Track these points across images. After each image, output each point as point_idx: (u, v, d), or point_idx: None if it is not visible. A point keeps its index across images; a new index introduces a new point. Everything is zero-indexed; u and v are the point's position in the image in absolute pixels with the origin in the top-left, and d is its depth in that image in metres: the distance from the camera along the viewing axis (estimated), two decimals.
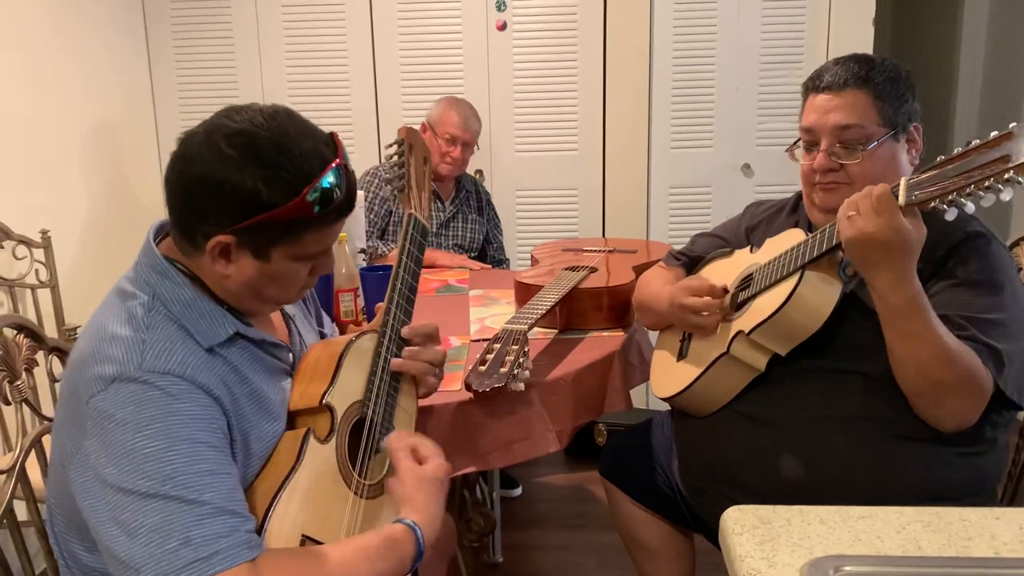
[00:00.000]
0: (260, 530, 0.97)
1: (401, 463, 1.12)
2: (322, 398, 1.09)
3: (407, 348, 1.23)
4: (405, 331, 1.23)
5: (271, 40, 3.16)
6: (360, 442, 1.13)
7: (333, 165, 0.99)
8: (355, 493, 1.10)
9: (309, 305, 1.33)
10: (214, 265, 1.01)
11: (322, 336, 1.33)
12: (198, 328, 1.00)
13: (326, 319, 1.40)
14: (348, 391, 1.13)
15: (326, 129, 1.05)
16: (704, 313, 1.44)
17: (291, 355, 1.16)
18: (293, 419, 1.11)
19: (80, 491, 0.94)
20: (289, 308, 1.24)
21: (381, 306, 1.25)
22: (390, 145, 1.41)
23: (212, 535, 0.89)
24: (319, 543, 1.01)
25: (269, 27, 3.15)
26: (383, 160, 3.06)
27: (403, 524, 1.05)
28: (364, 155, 3.15)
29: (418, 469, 1.11)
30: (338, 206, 1.01)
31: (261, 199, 0.95)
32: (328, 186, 0.98)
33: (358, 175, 2.77)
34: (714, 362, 1.40)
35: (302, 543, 1.00)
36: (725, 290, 1.45)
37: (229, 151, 0.95)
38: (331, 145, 1.02)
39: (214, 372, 0.99)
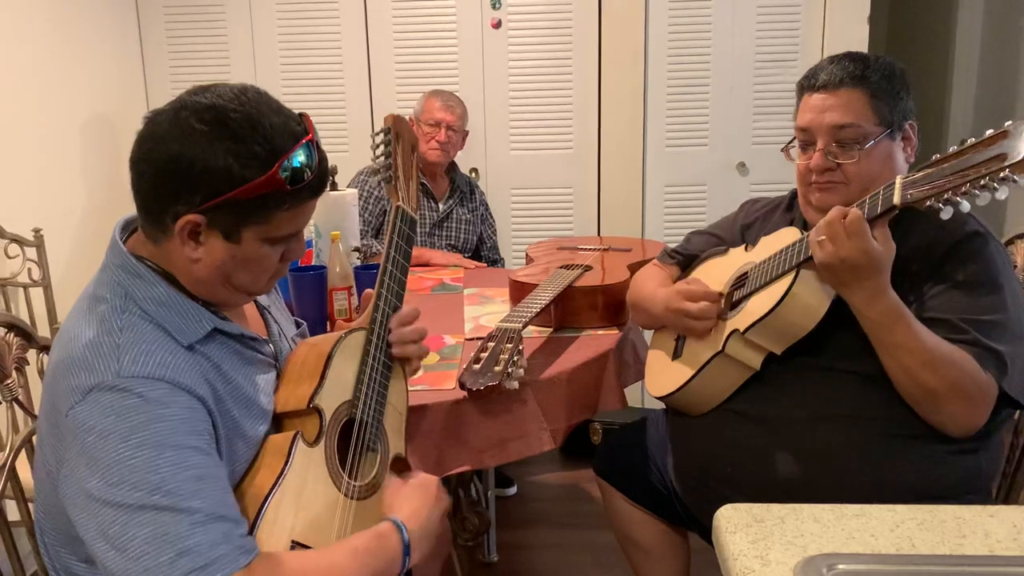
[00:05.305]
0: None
1: (394, 478, 1.16)
2: (310, 400, 1.07)
3: (396, 331, 1.23)
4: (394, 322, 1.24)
5: (265, 36, 3.15)
6: (349, 441, 1.12)
7: (304, 140, 0.97)
8: (345, 495, 1.08)
9: (280, 301, 1.30)
10: (183, 248, 0.97)
11: (297, 326, 1.31)
12: (176, 326, 0.97)
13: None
14: (337, 391, 1.11)
15: (321, 127, 1.04)
16: (700, 319, 1.44)
17: (271, 347, 1.14)
18: (280, 421, 1.09)
19: (70, 506, 0.91)
20: (263, 299, 1.21)
21: (369, 292, 1.23)
22: (376, 134, 1.38)
23: (208, 543, 0.87)
24: (309, 549, 1.01)
25: (263, 23, 3.14)
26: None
27: (389, 521, 1.07)
28: (358, 155, 3.14)
29: (407, 479, 1.17)
30: (310, 183, 0.98)
31: (232, 175, 0.93)
32: (300, 162, 0.96)
33: (352, 174, 2.76)
34: (709, 361, 1.40)
35: (292, 549, 0.99)
36: (720, 295, 1.45)
37: (199, 127, 0.93)
38: (301, 123, 1.00)
39: (196, 371, 0.96)
